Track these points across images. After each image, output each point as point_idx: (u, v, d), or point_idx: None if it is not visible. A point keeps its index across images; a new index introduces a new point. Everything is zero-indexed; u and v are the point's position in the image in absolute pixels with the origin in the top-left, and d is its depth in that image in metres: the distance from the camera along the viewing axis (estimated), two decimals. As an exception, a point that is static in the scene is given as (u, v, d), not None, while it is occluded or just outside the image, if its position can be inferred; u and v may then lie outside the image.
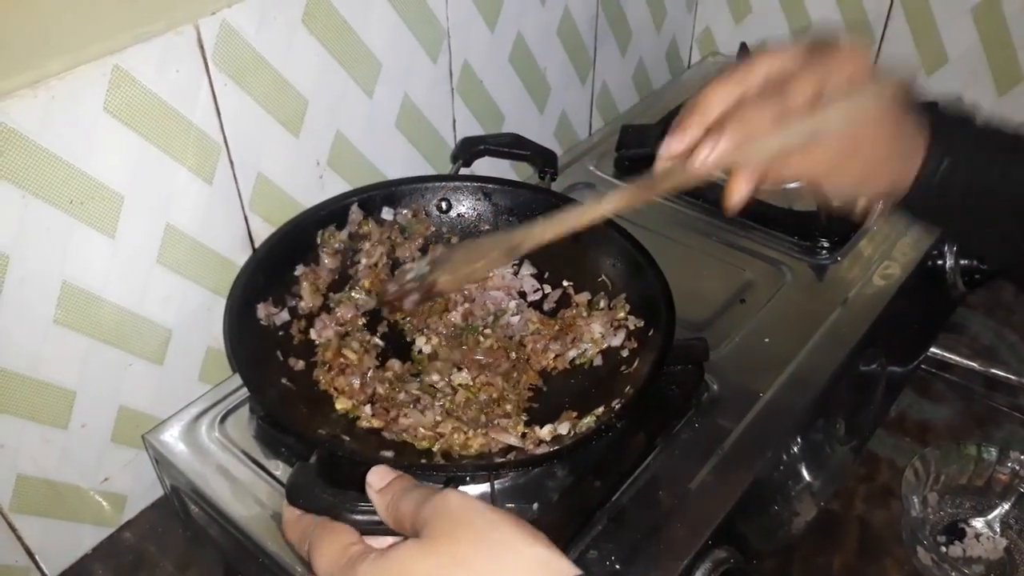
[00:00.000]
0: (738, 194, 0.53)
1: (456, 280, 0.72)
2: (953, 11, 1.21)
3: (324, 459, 0.64)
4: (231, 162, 0.79)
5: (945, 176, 0.56)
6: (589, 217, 0.63)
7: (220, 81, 0.75)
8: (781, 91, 0.51)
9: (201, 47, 0.72)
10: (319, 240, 0.85)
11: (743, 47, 1.34)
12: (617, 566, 0.67)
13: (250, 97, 0.78)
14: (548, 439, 0.71)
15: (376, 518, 0.59)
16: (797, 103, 0.50)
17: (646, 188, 0.57)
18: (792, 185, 0.57)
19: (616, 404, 0.72)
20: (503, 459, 0.70)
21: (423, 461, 0.70)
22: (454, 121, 1.04)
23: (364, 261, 0.86)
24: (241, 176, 0.81)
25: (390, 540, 0.50)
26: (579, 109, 1.27)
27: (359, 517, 0.59)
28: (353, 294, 0.84)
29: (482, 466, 0.69)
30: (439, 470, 0.69)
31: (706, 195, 1.08)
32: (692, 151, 0.52)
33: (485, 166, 1.04)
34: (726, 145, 0.50)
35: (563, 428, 0.72)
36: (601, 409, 0.73)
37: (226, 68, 0.75)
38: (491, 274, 0.88)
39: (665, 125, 1.21)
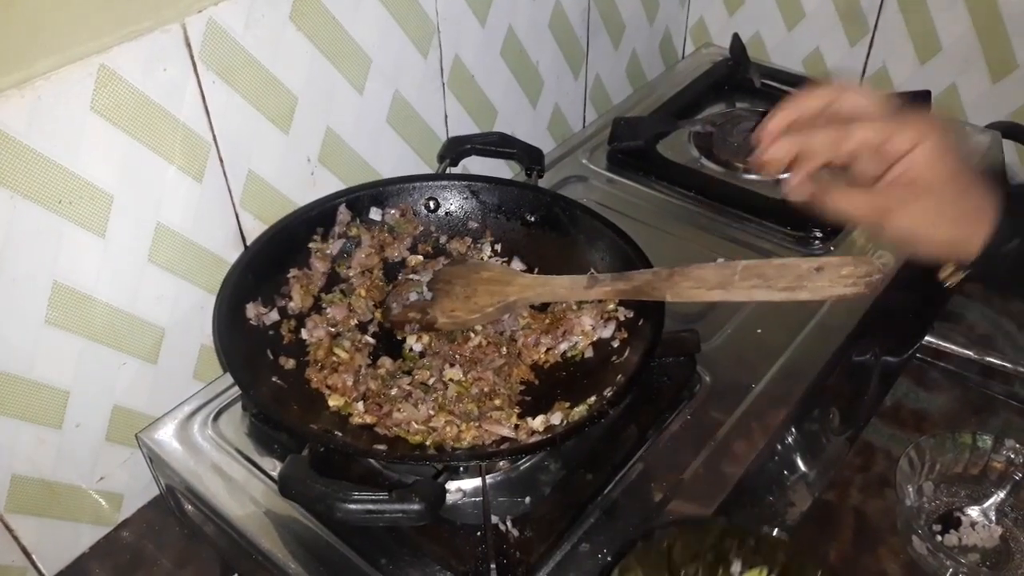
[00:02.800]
0: (794, 187, 0.59)
1: (454, 325, 0.81)
2: (946, -2, 1.21)
3: (316, 451, 0.64)
4: (221, 160, 0.79)
5: (1017, 253, 0.58)
6: (576, 296, 0.78)
7: (208, 79, 0.75)
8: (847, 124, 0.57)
9: (188, 45, 0.72)
10: (311, 246, 0.85)
11: (736, 38, 1.33)
12: (609, 558, 0.67)
13: (239, 94, 0.78)
14: (541, 429, 0.71)
15: (370, 507, 0.59)
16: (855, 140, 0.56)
17: (627, 288, 0.72)
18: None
19: (608, 392, 0.72)
20: (496, 449, 0.70)
21: (416, 453, 0.70)
22: (446, 116, 1.04)
23: (358, 268, 0.87)
24: (231, 174, 0.81)
25: None
26: (572, 102, 1.27)
27: (352, 507, 0.60)
28: (352, 301, 0.84)
29: (476, 455, 0.69)
30: (432, 460, 0.69)
31: (699, 187, 1.08)
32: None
33: (477, 164, 1.04)
34: (789, 146, 0.57)
35: (556, 418, 0.72)
36: (593, 398, 0.73)
37: (214, 66, 0.75)
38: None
39: (658, 118, 1.21)
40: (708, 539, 0.64)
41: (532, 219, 0.91)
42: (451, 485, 0.72)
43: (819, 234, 1.00)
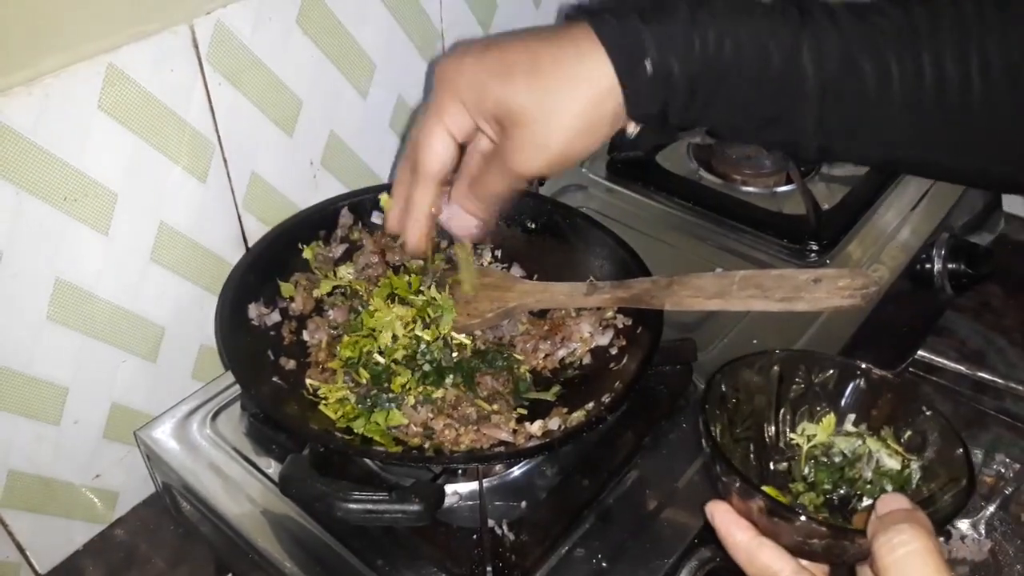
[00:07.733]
0: None
1: (453, 329, 0.81)
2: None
3: (316, 451, 0.65)
4: (225, 161, 0.80)
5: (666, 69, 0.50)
6: (575, 304, 0.79)
7: (214, 80, 0.75)
8: None
9: (196, 47, 0.72)
10: (312, 250, 0.85)
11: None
12: (604, 564, 0.68)
13: (244, 97, 0.79)
14: (539, 434, 0.72)
15: (370, 507, 0.60)
16: None
17: (626, 296, 0.73)
18: None
19: (606, 399, 0.72)
20: (494, 452, 0.70)
21: (415, 454, 0.70)
22: (448, 122, 1.05)
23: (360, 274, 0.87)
24: (235, 175, 0.82)
25: None
26: (573, 112, 1.27)
27: (352, 506, 0.60)
28: (353, 304, 0.84)
29: (474, 458, 0.70)
30: (431, 461, 0.69)
31: (697, 198, 1.09)
32: None
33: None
34: None
35: (553, 424, 0.73)
36: (591, 405, 0.73)
37: (220, 68, 0.75)
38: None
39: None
40: (822, 374, 0.58)
41: (532, 226, 0.91)
42: (448, 488, 0.72)
43: (815, 246, 1.01)
